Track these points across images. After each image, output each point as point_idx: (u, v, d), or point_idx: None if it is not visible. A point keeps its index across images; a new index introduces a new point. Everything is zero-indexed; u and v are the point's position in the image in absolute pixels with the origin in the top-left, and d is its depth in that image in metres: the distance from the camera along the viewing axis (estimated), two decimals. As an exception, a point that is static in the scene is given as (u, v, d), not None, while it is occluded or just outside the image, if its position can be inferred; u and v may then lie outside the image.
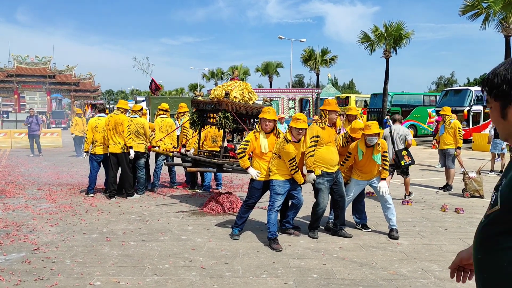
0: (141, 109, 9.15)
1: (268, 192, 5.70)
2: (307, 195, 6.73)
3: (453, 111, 20.20)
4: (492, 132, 12.69)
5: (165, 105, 9.68)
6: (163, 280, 4.29)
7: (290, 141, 5.36)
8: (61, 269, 4.54)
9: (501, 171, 12.39)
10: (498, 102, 1.32)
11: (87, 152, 8.57)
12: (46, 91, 48.38)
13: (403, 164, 8.05)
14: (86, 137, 8.81)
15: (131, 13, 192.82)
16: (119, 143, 8.18)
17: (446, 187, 9.38)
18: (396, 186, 9.85)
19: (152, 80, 27.75)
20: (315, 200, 5.88)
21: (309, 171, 5.59)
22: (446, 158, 9.38)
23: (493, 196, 1.29)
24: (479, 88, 27.71)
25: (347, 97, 33.20)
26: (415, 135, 26.07)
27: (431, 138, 18.62)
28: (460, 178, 9.34)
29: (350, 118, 7.67)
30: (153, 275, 4.41)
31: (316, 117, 9.95)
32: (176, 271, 4.52)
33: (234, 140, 9.30)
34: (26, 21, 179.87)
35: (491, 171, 12.38)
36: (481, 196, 8.53)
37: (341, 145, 6.14)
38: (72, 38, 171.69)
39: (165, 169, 9.95)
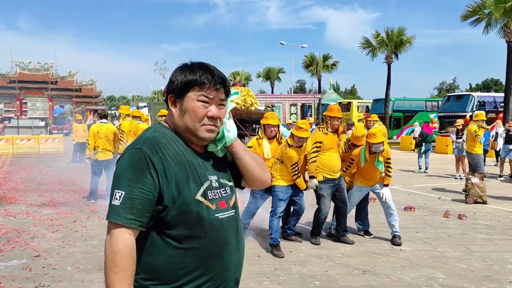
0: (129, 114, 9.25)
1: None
2: (308, 201, 6.70)
3: (456, 117, 20.25)
4: (504, 136, 12.64)
5: (164, 111, 9.77)
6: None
7: (291, 146, 5.35)
8: (62, 276, 4.51)
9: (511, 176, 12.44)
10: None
11: (89, 158, 8.59)
12: (48, 97, 48.48)
13: None
14: (88, 143, 8.82)
15: (132, 20, 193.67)
16: None
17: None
18: (398, 191, 9.82)
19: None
20: (317, 206, 5.85)
21: (311, 177, 5.57)
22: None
23: None
24: (482, 94, 27.79)
25: (349, 103, 33.19)
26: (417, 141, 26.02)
27: (433, 144, 18.59)
28: (463, 184, 9.32)
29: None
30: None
31: (311, 119, 9.85)
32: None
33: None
34: (27, 27, 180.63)
35: (500, 176, 12.36)
36: (484, 202, 8.49)
37: (344, 151, 6.12)
38: (74, 44, 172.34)
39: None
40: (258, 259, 5.11)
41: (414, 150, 18.83)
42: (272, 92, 51.42)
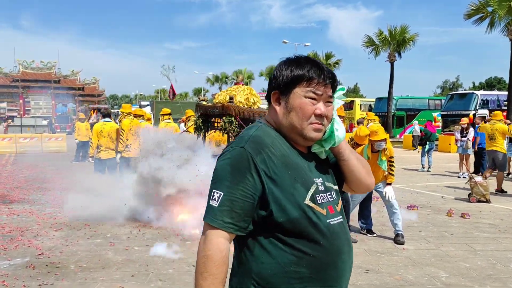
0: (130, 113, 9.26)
1: None
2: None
3: (459, 115, 20.19)
4: None
5: (166, 110, 9.80)
6: (168, 285, 4.26)
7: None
8: (65, 274, 4.53)
9: None
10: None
11: (92, 157, 8.61)
12: (51, 96, 48.56)
13: None
14: (91, 142, 8.84)
15: (134, 18, 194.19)
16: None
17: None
18: (401, 190, 9.80)
19: (171, 86, 29.63)
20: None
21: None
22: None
23: None
24: (485, 92, 27.71)
25: (352, 101, 33.12)
26: (421, 139, 25.98)
27: (436, 143, 18.68)
28: (465, 183, 9.29)
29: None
30: (157, 280, 4.39)
31: None
32: (180, 276, 4.49)
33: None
34: (30, 26, 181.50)
35: (508, 174, 12.34)
36: (487, 201, 8.46)
37: None
38: (76, 43, 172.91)
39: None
40: (261, 258, 5.10)
41: (414, 149, 18.78)
42: (275, 91, 51.27)
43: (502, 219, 7.16)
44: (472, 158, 12.98)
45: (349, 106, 31.43)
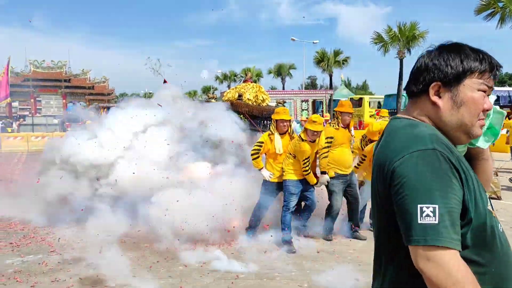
0: None
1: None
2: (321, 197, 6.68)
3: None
4: None
5: None
6: (178, 282, 4.30)
7: (305, 140, 5.35)
8: (77, 270, 4.58)
9: None
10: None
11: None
12: (61, 95, 48.92)
13: None
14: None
15: (144, 17, 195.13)
16: None
17: None
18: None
19: (164, 82, 29.21)
20: (329, 202, 5.85)
21: (323, 173, 5.57)
22: None
23: None
24: (496, 88, 27.24)
25: (361, 98, 32.95)
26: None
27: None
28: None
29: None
30: (168, 277, 4.43)
31: (327, 116, 9.65)
32: (190, 273, 4.53)
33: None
34: (41, 26, 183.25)
35: None
36: (498, 198, 8.39)
37: (361, 148, 6.11)
38: (86, 42, 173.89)
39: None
40: (270, 254, 5.13)
41: None
42: (283, 88, 51.33)
43: (513, 216, 7.10)
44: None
45: (358, 103, 31.28)
